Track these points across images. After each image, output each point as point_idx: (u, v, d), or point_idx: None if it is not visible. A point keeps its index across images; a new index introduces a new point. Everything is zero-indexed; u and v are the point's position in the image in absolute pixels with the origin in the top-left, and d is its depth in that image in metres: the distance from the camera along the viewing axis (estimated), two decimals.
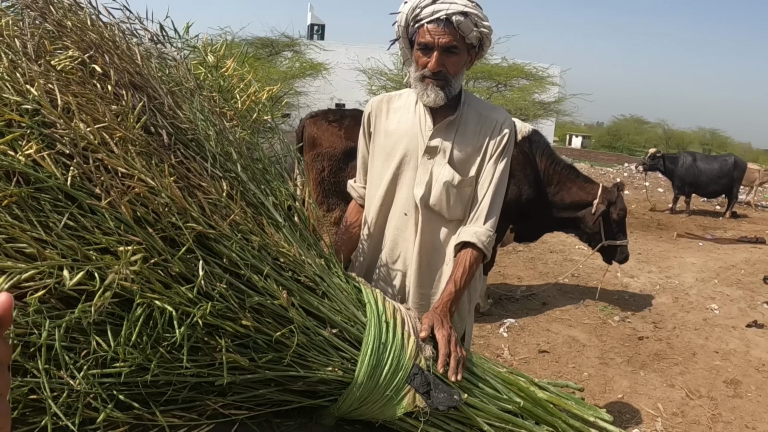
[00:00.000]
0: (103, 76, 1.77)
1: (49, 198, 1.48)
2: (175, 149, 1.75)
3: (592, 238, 6.75)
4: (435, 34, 2.27)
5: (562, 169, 6.39)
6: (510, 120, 2.51)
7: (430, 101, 2.38)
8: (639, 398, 5.12)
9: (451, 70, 2.34)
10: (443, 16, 2.24)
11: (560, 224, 6.76)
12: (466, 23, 2.25)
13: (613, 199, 6.51)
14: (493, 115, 2.50)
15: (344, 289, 2.00)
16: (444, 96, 2.36)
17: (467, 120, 2.47)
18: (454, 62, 2.33)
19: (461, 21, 2.24)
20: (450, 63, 2.33)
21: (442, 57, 2.31)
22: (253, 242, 1.76)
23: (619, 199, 6.60)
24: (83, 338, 1.47)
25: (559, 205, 6.43)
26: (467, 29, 2.26)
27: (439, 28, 2.26)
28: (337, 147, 5.48)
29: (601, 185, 6.57)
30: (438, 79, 2.34)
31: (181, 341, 1.50)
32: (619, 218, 6.66)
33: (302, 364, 1.76)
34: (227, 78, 2.28)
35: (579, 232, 6.82)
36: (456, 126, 2.46)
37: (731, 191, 16.33)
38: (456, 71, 2.36)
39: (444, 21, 2.25)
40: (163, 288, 1.49)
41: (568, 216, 6.56)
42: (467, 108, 2.48)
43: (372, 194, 2.61)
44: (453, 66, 2.34)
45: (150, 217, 1.55)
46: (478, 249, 2.40)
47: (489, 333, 6.18)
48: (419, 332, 2.03)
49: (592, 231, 6.61)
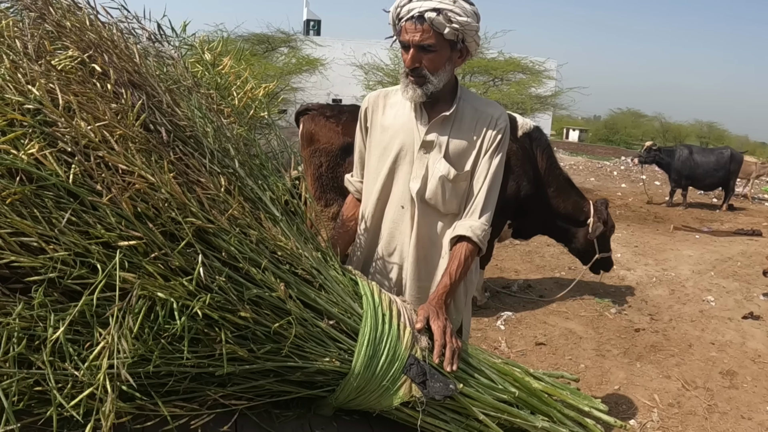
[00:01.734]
0: (103, 75, 1.80)
1: (52, 195, 1.52)
2: (174, 146, 1.79)
3: (583, 254, 6.91)
4: (410, 31, 2.30)
5: (560, 175, 6.49)
6: (505, 115, 2.54)
7: (408, 98, 2.43)
8: (635, 389, 5.16)
9: (429, 67, 2.36)
10: (416, 13, 2.26)
11: (554, 231, 6.86)
12: (438, 20, 2.26)
13: (605, 218, 6.67)
14: (489, 110, 2.53)
15: (341, 282, 2.03)
16: (422, 93, 2.39)
17: (463, 115, 2.50)
18: (431, 59, 2.35)
19: (433, 17, 2.26)
20: (427, 60, 2.35)
21: (418, 54, 2.33)
22: (251, 236, 1.79)
23: (609, 216, 6.78)
24: (86, 330, 1.51)
25: (555, 211, 6.52)
26: (441, 26, 2.28)
27: (413, 25, 2.29)
28: (335, 143, 5.50)
29: (591, 203, 6.71)
30: (417, 76, 2.37)
31: (181, 332, 1.54)
32: (609, 234, 6.92)
33: (300, 354, 1.80)
34: (224, 75, 2.32)
35: (571, 246, 6.97)
36: (452, 121, 2.49)
37: (728, 184, 16.34)
38: (435, 68, 2.37)
39: (417, 18, 2.27)
40: (163, 281, 1.53)
41: (562, 225, 6.69)
42: (463, 103, 2.51)
43: (369, 188, 2.64)
44: (430, 63, 2.35)
45: (150, 213, 1.59)
46: (473, 243, 2.43)
47: (486, 326, 6.22)
48: (415, 323, 2.06)
49: (585, 247, 6.79)
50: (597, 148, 41.18)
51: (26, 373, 1.45)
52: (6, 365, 1.41)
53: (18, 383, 1.43)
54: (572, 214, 6.59)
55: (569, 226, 6.68)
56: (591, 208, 6.61)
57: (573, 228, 6.70)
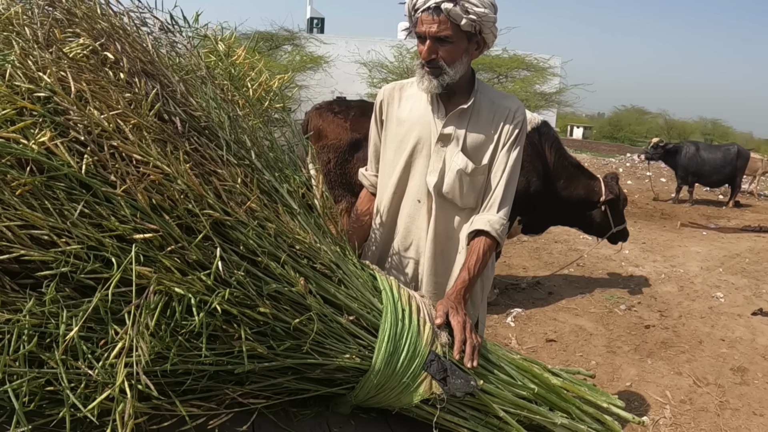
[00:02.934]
0: (115, 64, 1.75)
1: (64, 186, 1.47)
2: (189, 136, 1.73)
3: (598, 229, 6.88)
4: (426, 22, 2.26)
5: (569, 164, 6.45)
6: (522, 108, 2.50)
7: (424, 89, 2.39)
8: (647, 386, 5.12)
9: (446, 59, 2.32)
10: (432, 4, 2.22)
11: (567, 219, 6.85)
12: (455, 10, 2.22)
13: (616, 191, 6.66)
14: (506, 103, 2.49)
15: (360, 276, 1.98)
16: (438, 84, 2.35)
17: (480, 108, 2.46)
18: (448, 50, 2.31)
19: (450, 8, 2.21)
20: (443, 51, 2.31)
21: (434, 45, 2.30)
22: (269, 229, 1.74)
23: (620, 189, 6.79)
24: (100, 327, 1.46)
25: (567, 200, 6.47)
26: (458, 17, 2.24)
27: (429, 16, 2.25)
28: (343, 138, 5.47)
29: (601, 179, 6.71)
30: (432, 68, 2.34)
31: (199, 329, 1.49)
32: (622, 207, 6.90)
33: (320, 351, 1.75)
34: (238, 66, 2.27)
35: (585, 227, 6.98)
36: (469, 114, 2.45)
37: (734, 180, 16.30)
38: (452, 60, 2.33)
39: (434, 9, 2.23)
40: (180, 275, 1.48)
41: (577, 212, 6.67)
42: (480, 96, 2.47)
43: (384, 182, 2.60)
44: (447, 54, 2.32)
45: (166, 205, 1.53)
46: (492, 237, 2.39)
47: (496, 323, 6.18)
48: (434, 319, 2.02)
49: (600, 224, 6.77)
50: (601, 145, 41.11)
51: (37, 373, 1.40)
52: (16, 364, 1.36)
53: (29, 383, 1.38)
54: (585, 198, 6.57)
55: (584, 210, 6.67)
56: (602, 186, 6.61)
57: (587, 211, 6.69)
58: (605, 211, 6.64)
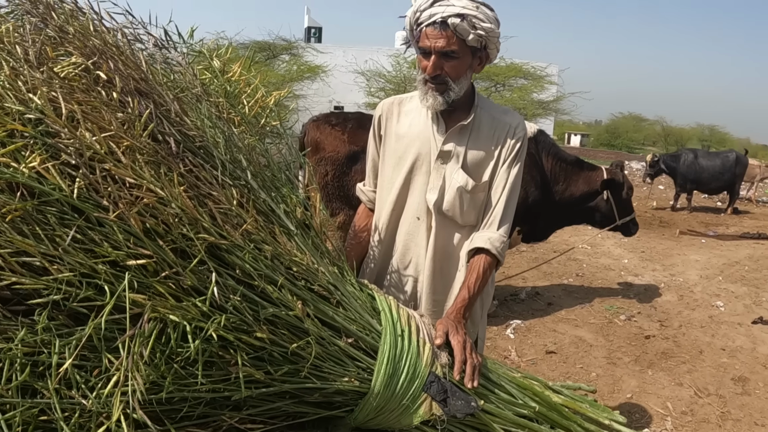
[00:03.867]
0: (108, 82, 1.72)
1: (55, 211, 1.44)
2: (183, 157, 1.70)
3: (603, 219, 6.84)
4: (432, 37, 2.23)
5: (567, 164, 6.40)
6: (523, 124, 2.48)
7: (429, 106, 2.35)
8: (648, 397, 5.08)
9: (452, 74, 2.29)
10: (439, 19, 2.19)
11: (572, 219, 6.84)
12: (462, 26, 2.19)
13: (620, 180, 6.63)
14: (507, 118, 2.47)
15: (358, 297, 1.96)
16: (443, 101, 2.32)
17: (480, 124, 2.43)
18: (454, 66, 2.28)
19: (457, 24, 2.18)
20: (449, 67, 2.27)
21: (440, 61, 2.26)
22: (265, 252, 1.71)
23: (624, 178, 6.75)
24: (93, 355, 1.42)
25: (569, 201, 6.45)
26: (465, 32, 2.21)
27: (435, 31, 2.21)
28: (341, 151, 5.44)
29: (604, 169, 6.68)
30: (437, 84, 2.30)
31: (195, 356, 1.46)
32: (627, 197, 6.85)
33: (318, 375, 1.72)
34: (233, 83, 2.24)
35: (591, 220, 6.94)
36: (469, 130, 2.42)
37: (733, 187, 16.27)
38: (457, 75, 2.30)
39: (440, 24, 2.20)
40: (175, 302, 1.45)
41: (580, 209, 6.63)
42: (480, 111, 2.44)
43: (383, 199, 2.56)
44: (453, 70, 2.28)
45: (160, 229, 1.50)
46: (492, 255, 2.36)
47: (495, 335, 6.13)
48: (434, 339, 1.99)
49: (604, 213, 6.72)
50: (599, 153, 41.14)
51: (30, 403, 1.36)
52: (9, 394, 1.33)
53: (22, 413, 1.35)
54: (588, 191, 6.53)
55: (588, 203, 6.62)
56: (604, 174, 6.56)
57: (591, 202, 6.64)
58: (608, 199, 6.59)
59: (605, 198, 6.58)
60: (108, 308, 1.36)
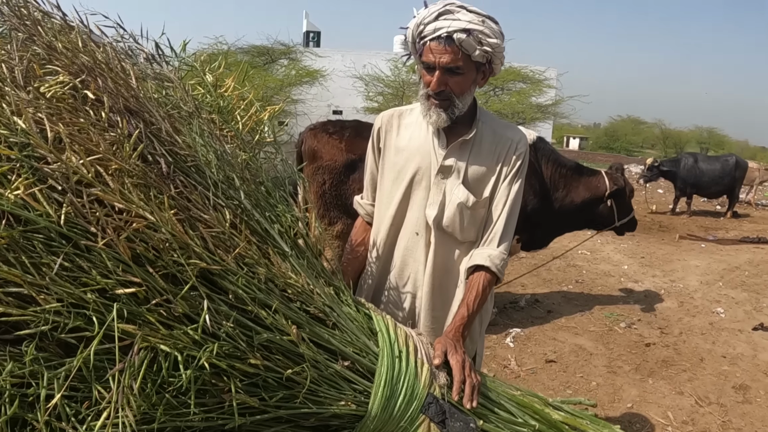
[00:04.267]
0: (97, 101, 1.68)
1: (42, 238, 1.39)
2: (174, 178, 1.66)
3: (603, 223, 6.83)
4: (436, 52, 2.17)
5: (567, 171, 6.35)
6: (525, 139, 2.44)
7: (433, 122, 2.30)
8: (648, 407, 5.05)
9: (456, 90, 2.24)
10: (444, 33, 2.13)
11: (573, 225, 6.78)
12: (468, 41, 2.14)
13: (621, 183, 6.58)
14: (508, 133, 2.43)
15: (355, 318, 1.92)
16: (446, 118, 2.27)
17: (482, 139, 2.39)
18: (458, 82, 2.23)
19: (463, 39, 2.13)
20: (453, 82, 2.23)
21: (444, 77, 2.21)
22: (259, 275, 1.67)
23: (626, 181, 6.70)
24: (84, 386, 1.39)
25: (570, 208, 6.39)
26: (470, 47, 2.16)
27: (440, 46, 2.16)
28: (338, 160, 5.39)
29: (604, 172, 6.62)
30: (440, 99, 2.25)
31: (187, 385, 1.42)
32: (629, 198, 6.86)
33: (314, 399, 1.68)
34: (227, 98, 2.19)
35: (592, 225, 6.93)
36: (471, 145, 2.38)
37: (733, 191, 16.25)
38: (461, 91, 2.25)
39: (445, 39, 2.14)
40: (166, 330, 1.41)
41: (581, 215, 6.58)
42: (482, 126, 2.40)
43: (382, 213, 2.52)
44: (457, 86, 2.24)
45: (150, 255, 1.46)
46: (492, 272, 2.32)
47: (495, 343, 6.10)
48: (432, 359, 1.95)
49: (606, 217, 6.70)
50: (598, 156, 41.17)
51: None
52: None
53: None
54: (590, 197, 6.47)
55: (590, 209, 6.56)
56: (606, 180, 6.49)
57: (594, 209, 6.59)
58: (611, 205, 6.56)
59: (609, 204, 6.55)
60: (97, 339, 1.32)
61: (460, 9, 2.17)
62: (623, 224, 6.86)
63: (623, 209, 6.75)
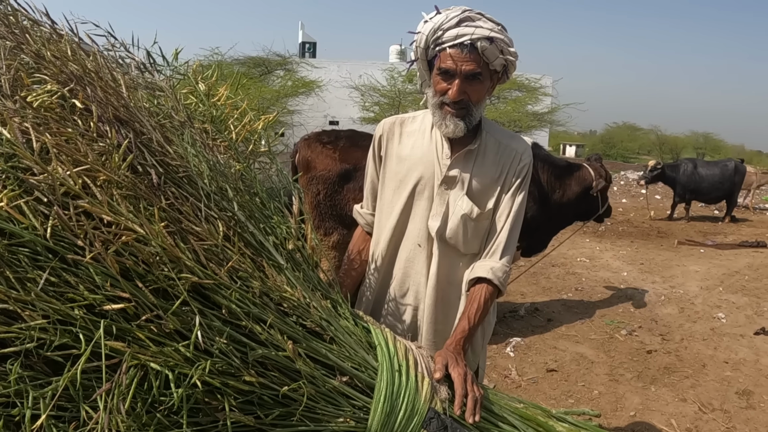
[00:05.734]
0: (85, 111, 1.64)
1: (28, 251, 1.35)
2: (165, 189, 1.61)
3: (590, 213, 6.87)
4: (458, 60, 2.11)
5: (559, 170, 6.39)
6: (529, 150, 2.39)
7: (449, 132, 2.24)
8: (652, 415, 5.00)
9: (474, 98, 2.20)
10: (467, 41, 2.08)
11: (568, 221, 6.83)
12: (491, 50, 2.10)
13: (604, 173, 6.65)
14: (513, 144, 2.38)
15: (353, 332, 1.86)
16: (464, 127, 2.22)
17: (486, 149, 2.34)
18: (477, 90, 2.19)
19: (486, 47, 2.09)
20: (472, 91, 2.18)
21: (464, 84, 2.15)
22: (254, 288, 1.62)
23: (606, 170, 6.78)
24: (72, 405, 1.34)
25: (566, 206, 6.43)
26: (492, 56, 2.12)
27: (462, 54, 2.10)
28: (332, 169, 5.34)
29: (587, 165, 6.66)
30: (459, 108, 2.20)
31: (179, 404, 1.37)
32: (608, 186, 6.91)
33: (312, 417, 1.63)
34: (220, 107, 2.14)
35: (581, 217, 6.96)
36: (475, 155, 2.33)
37: (732, 197, 16.25)
38: (478, 99, 2.21)
39: (468, 47, 2.09)
40: (156, 347, 1.36)
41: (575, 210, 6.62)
42: (487, 136, 2.35)
43: (382, 224, 2.46)
44: (475, 94, 2.19)
45: (139, 269, 1.41)
46: (494, 285, 2.27)
47: (495, 353, 6.05)
48: (433, 372, 1.90)
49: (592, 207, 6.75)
50: None
51: None
52: None
53: None
54: (581, 192, 6.50)
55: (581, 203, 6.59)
56: (591, 171, 6.55)
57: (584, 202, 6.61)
58: (597, 194, 6.60)
59: (595, 194, 6.58)
60: (84, 357, 1.27)
61: (480, 16, 2.14)
62: (604, 211, 6.91)
63: (604, 196, 6.80)
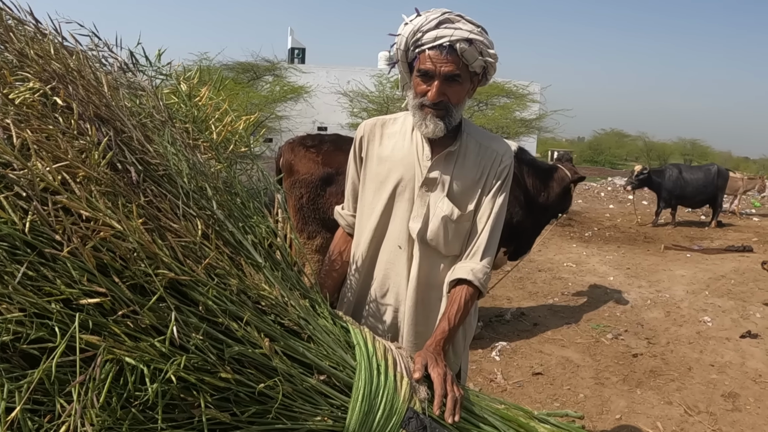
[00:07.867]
0: (67, 108, 1.64)
1: (6, 246, 1.35)
2: (144, 187, 1.62)
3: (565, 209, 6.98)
4: (437, 61, 2.13)
5: (542, 173, 6.48)
6: (510, 152, 2.40)
7: (429, 132, 2.24)
8: (637, 418, 5.02)
9: (453, 100, 2.20)
10: (446, 42, 2.10)
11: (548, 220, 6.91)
12: (470, 51, 2.11)
13: (576, 171, 6.78)
14: (493, 146, 2.39)
15: (331, 332, 1.86)
16: (444, 127, 2.23)
17: (467, 151, 2.35)
18: (456, 91, 2.20)
19: (465, 49, 2.10)
20: (452, 92, 2.19)
21: (444, 86, 2.17)
22: (231, 286, 1.62)
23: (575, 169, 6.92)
24: (48, 399, 1.34)
25: (549, 206, 6.53)
26: (471, 58, 2.13)
27: (441, 55, 2.12)
28: (315, 173, 5.34)
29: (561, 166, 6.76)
30: (438, 109, 2.21)
31: (154, 399, 1.37)
32: None
33: (288, 415, 1.63)
34: (202, 108, 2.15)
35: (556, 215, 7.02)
36: (455, 157, 2.33)
37: (716, 200, 16.35)
38: (458, 101, 2.22)
39: (447, 48, 2.11)
40: (132, 342, 1.36)
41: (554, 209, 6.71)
42: (467, 137, 2.36)
43: (363, 225, 2.46)
44: (455, 95, 2.20)
45: (117, 264, 1.42)
46: (474, 286, 2.27)
47: (481, 357, 6.06)
48: (412, 373, 1.90)
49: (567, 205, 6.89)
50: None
51: None
52: None
53: None
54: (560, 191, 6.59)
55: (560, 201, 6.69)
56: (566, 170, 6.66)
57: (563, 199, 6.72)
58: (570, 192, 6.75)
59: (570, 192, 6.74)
60: (59, 350, 1.27)
61: (459, 18, 2.15)
62: None
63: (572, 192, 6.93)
